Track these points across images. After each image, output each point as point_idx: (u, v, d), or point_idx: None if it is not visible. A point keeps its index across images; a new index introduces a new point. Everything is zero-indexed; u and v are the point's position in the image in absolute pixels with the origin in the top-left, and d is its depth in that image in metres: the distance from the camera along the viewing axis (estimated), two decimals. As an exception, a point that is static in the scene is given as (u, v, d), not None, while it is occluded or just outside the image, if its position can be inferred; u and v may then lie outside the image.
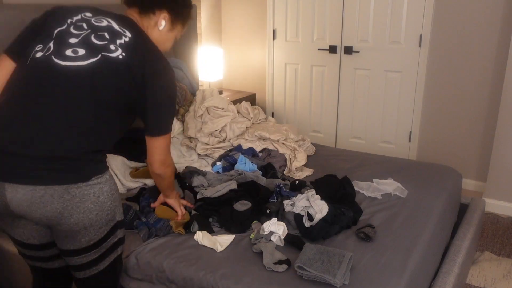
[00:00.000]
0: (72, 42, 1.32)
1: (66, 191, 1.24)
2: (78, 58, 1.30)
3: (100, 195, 1.30)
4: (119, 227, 1.42)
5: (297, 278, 1.55)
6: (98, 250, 1.37)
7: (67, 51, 1.30)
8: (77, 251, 1.34)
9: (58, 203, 1.24)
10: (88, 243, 1.33)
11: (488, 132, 3.28)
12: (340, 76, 3.80)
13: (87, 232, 1.31)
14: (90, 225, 1.30)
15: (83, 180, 1.26)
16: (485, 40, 3.14)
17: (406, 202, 2.13)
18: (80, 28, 1.36)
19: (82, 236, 1.31)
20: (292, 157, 2.60)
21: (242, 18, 4.19)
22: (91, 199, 1.28)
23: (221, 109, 2.83)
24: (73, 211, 1.26)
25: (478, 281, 2.34)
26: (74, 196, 1.25)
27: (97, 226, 1.32)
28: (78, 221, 1.27)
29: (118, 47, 1.34)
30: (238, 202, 2.00)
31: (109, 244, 1.40)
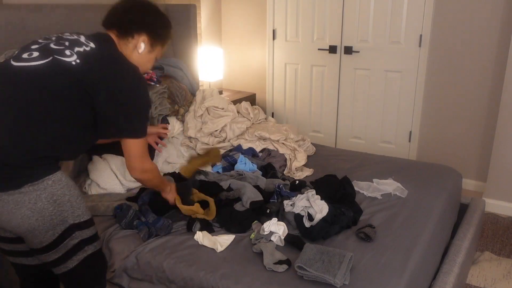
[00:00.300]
0: (32, 47, 1.37)
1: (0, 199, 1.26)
2: (31, 60, 1.33)
3: (38, 202, 1.29)
4: (78, 229, 1.42)
5: (297, 278, 1.55)
6: (56, 251, 1.38)
7: (23, 55, 1.35)
8: (35, 250, 1.38)
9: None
10: (41, 245, 1.36)
11: (488, 132, 3.28)
12: (340, 76, 3.80)
13: (34, 235, 1.33)
14: (34, 229, 1.31)
15: (14, 188, 1.26)
16: (485, 40, 3.14)
17: (406, 202, 2.13)
18: (47, 39, 1.40)
19: (31, 238, 1.34)
20: (292, 157, 2.60)
21: (242, 18, 4.19)
22: (27, 206, 1.28)
23: (221, 109, 2.83)
24: (10, 217, 1.28)
25: (478, 281, 2.34)
26: (7, 202, 1.27)
27: (42, 231, 1.33)
28: (19, 226, 1.29)
29: (74, 54, 1.35)
30: (239, 202, 2.00)
31: (68, 245, 1.40)
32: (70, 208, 1.38)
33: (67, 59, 1.33)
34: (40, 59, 1.33)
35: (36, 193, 1.29)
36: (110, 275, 1.80)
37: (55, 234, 1.36)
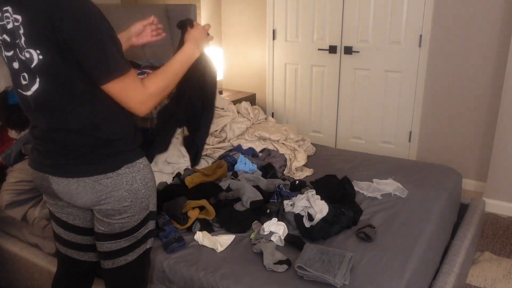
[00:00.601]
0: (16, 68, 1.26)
1: (97, 182, 1.29)
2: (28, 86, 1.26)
3: (134, 183, 1.33)
4: (151, 218, 1.45)
5: (297, 278, 1.55)
6: (129, 239, 1.40)
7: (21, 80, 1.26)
8: (109, 236, 1.38)
9: (92, 194, 1.30)
10: (121, 229, 1.37)
11: (488, 132, 3.28)
12: (340, 76, 3.80)
13: (122, 218, 1.35)
14: (125, 211, 1.34)
15: (112, 169, 1.30)
16: (485, 40, 3.14)
17: (406, 202, 2.13)
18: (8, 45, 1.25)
19: (116, 221, 1.35)
20: (292, 157, 2.60)
21: (242, 18, 4.19)
22: (125, 187, 1.31)
23: (221, 109, 2.83)
24: (108, 199, 1.31)
25: (478, 281, 2.34)
26: (105, 186, 1.29)
27: (131, 213, 1.36)
28: (113, 208, 1.33)
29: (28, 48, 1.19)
30: (239, 202, 2.00)
31: (140, 234, 1.42)
32: (153, 194, 1.42)
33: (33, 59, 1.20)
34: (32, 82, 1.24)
35: (132, 175, 1.33)
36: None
37: (138, 219, 1.38)
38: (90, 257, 1.54)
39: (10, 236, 2.24)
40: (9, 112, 2.23)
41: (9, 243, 2.20)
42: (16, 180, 2.11)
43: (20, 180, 2.10)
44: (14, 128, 2.26)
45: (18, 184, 2.10)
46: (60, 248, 1.53)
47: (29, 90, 1.25)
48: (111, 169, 1.30)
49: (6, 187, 2.12)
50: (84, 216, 1.46)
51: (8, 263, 2.22)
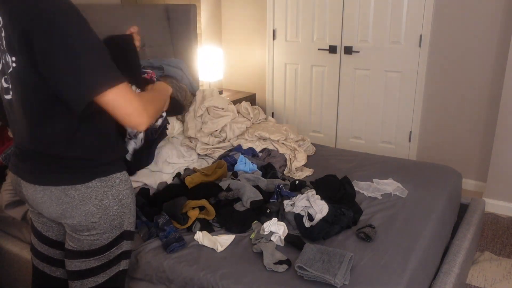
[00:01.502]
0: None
1: (64, 193, 1.21)
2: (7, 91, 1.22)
3: (104, 199, 1.25)
4: (126, 238, 1.36)
5: (297, 278, 1.55)
6: (99, 259, 1.31)
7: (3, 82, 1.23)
8: (78, 253, 1.30)
9: (57, 205, 1.23)
10: (90, 247, 1.29)
11: (488, 132, 3.28)
12: (340, 76, 3.80)
13: (90, 235, 1.27)
14: (94, 228, 1.26)
15: (82, 181, 1.22)
16: (485, 40, 3.14)
17: (406, 202, 2.13)
18: None
19: (85, 237, 1.27)
20: (292, 157, 2.60)
21: (242, 18, 4.19)
22: (93, 202, 1.24)
23: (221, 109, 2.82)
24: (73, 213, 1.23)
25: (478, 281, 2.34)
26: (73, 198, 1.22)
27: (100, 231, 1.27)
28: (80, 223, 1.25)
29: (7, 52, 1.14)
30: (239, 202, 2.00)
31: (112, 254, 1.33)
32: (129, 213, 1.32)
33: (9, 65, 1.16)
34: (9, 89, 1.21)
35: (103, 190, 1.24)
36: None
37: (109, 237, 1.29)
38: (62, 274, 1.46)
39: (10, 236, 2.24)
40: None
41: (9, 243, 2.20)
42: (16, 180, 2.11)
43: (20, 180, 2.10)
44: (14, 128, 2.26)
45: (18, 184, 2.10)
46: (34, 260, 1.47)
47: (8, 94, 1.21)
48: (81, 181, 1.21)
49: (6, 187, 2.12)
50: (58, 229, 1.39)
51: (8, 263, 2.22)
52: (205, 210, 1.95)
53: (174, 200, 1.94)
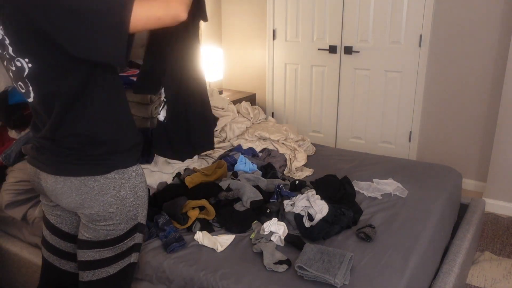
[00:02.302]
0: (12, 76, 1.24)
1: (83, 183, 1.25)
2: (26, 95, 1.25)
3: (122, 190, 1.29)
4: (139, 231, 1.39)
5: (298, 278, 1.55)
6: (113, 249, 1.34)
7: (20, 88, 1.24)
8: (93, 243, 1.33)
9: (77, 195, 1.26)
10: (106, 237, 1.32)
11: (488, 132, 3.28)
12: (340, 76, 3.80)
13: (107, 225, 1.31)
14: (110, 218, 1.29)
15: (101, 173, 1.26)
16: (485, 40, 3.14)
17: (406, 202, 2.13)
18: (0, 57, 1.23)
19: (101, 227, 1.31)
20: (292, 157, 2.60)
21: (242, 18, 4.19)
22: (111, 193, 1.27)
23: (221, 109, 2.83)
24: (92, 203, 1.27)
25: (478, 281, 2.34)
26: (92, 188, 1.25)
27: (117, 221, 1.30)
28: (98, 213, 1.28)
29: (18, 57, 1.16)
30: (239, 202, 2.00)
31: (125, 245, 1.36)
32: (143, 205, 1.36)
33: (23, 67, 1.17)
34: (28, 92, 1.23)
35: (121, 181, 1.28)
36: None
37: (124, 228, 1.33)
38: (71, 267, 1.48)
39: (10, 236, 2.24)
40: (9, 112, 2.23)
41: (9, 243, 2.20)
42: (16, 180, 2.11)
43: (20, 180, 2.10)
44: (14, 128, 2.26)
45: (18, 184, 2.10)
46: (44, 252, 1.49)
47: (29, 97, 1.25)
48: (100, 172, 1.26)
49: (6, 187, 2.12)
50: (71, 221, 1.42)
51: (8, 263, 2.22)
52: (205, 210, 1.95)
53: (174, 200, 1.94)
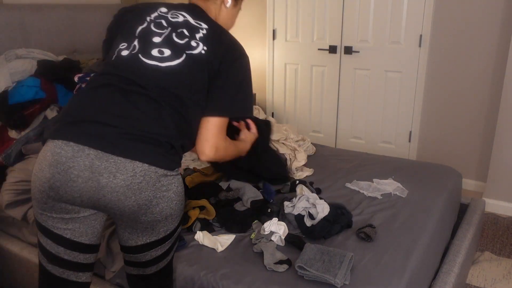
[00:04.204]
0: (156, 41, 1.38)
1: (158, 180, 1.25)
2: (165, 59, 1.36)
3: (179, 186, 1.33)
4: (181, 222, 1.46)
5: (298, 278, 1.55)
6: (170, 241, 1.38)
7: (153, 51, 1.36)
8: (154, 243, 1.33)
9: (151, 191, 1.24)
10: (165, 233, 1.33)
11: (488, 132, 3.29)
12: (340, 76, 3.80)
13: (167, 222, 1.31)
14: (171, 214, 1.31)
15: (169, 169, 1.29)
16: (485, 40, 3.15)
17: (406, 202, 2.13)
18: (160, 26, 1.41)
19: (161, 226, 1.30)
20: (292, 157, 2.60)
21: (242, 18, 4.19)
22: (173, 189, 1.30)
23: (221, 109, 2.82)
24: (159, 200, 1.26)
25: (478, 281, 2.34)
26: (163, 184, 1.27)
27: (175, 216, 1.33)
28: (162, 210, 1.28)
29: (199, 42, 1.40)
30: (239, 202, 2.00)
31: (177, 234, 1.42)
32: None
33: (197, 51, 1.39)
34: (174, 59, 1.36)
35: (178, 177, 1.33)
36: (110, 275, 1.80)
37: (178, 221, 1.37)
38: (87, 278, 1.39)
39: (10, 236, 2.24)
40: (9, 112, 2.23)
41: (9, 243, 2.20)
42: (16, 180, 2.11)
43: (20, 180, 2.10)
44: (14, 128, 2.26)
45: (18, 184, 2.10)
46: (55, 270, 1.32)
47: (160, 61, 1.35)
48: (171, 168, 1.30)
49: (6, 187, 2.12)
50: (92, 231, 1.32)
51: (8, 263, 2.22)
52: (205, 210, 1.95)
53: None
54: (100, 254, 1.80)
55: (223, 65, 1.40)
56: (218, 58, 1.40)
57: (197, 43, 1.40)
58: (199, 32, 1.42)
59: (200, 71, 1.38)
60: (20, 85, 2.30)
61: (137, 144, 1.23)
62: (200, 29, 1.43)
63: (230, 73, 1.41)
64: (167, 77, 1.34)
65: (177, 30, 1.41)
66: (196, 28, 1.43)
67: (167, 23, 1.42)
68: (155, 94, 1.31)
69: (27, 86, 2.30)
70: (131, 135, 1.23)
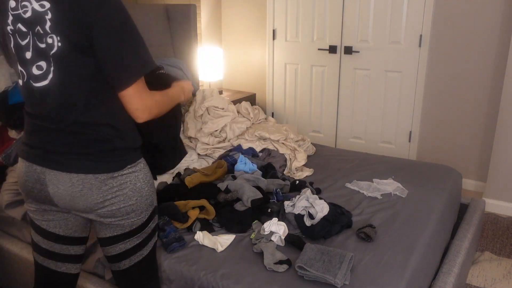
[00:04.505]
0: (28, 57, 1.24)
1: (103, 183, 1.29)
2: (45, 76, 1.24)
3: (137, 182, 1.34)
4: (156, 213, 1.47)
5: (298, 278, 1.55)
6: (140, 236, 1.40)
7: (33, 70, 1.25)
8: (121, 236, 1.38)
9: (97, 194, 1.29)
10: (131, 227, 1.37)
11: (488, 132, 3.29)
12: (340, 76, 3.80)
13: (130, 217, 1.35)
14: (132, 211, 1.35)
15: (117, 170, 1.30)
16: (485, 40, 3.15)
17: (406, 202, 2.13)
18: (22, 34, 1.23)
19: (125, 220, 1.35)
20: (292, 157, 2.61)
21: (242, 18, 4.19)
22: (129, 187, 1.33)
23: (221, 109, 2.83)
24: (113, 200, 1.31)
25: (478, 281, 2.34)
26: (111, 186, 1.30)
27: (138, 211, 1.36)
28: (119, 208, 1.32)
29: (52, 34, 1.19)
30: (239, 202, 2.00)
31: (149, 229, 1.43)
32: (154, 190, 1.44)
33: (55, 48, 1.20)
34: (49, 72, 1.24)
35: (135, 174, 1.34)
36: (110, 275, 1.81)
37: (145, 215, 1.39)
38: (67, 269, 1.48)
39: (10, 236, 2.24)
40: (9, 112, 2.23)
41: (9, 243, 2.20)
42: (16, 180, 2.11)
43: (20, 180, 2.10)
44: (14, 128, 2.26)
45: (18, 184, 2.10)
46: (37, 258, 1.47)
47: (45, 79, 1.24)
48: (116, 169, 1.30)
49: (6, 187, 2.12)
50: (65, 223, 1.42)
51: (8, 263, 2.22)
52: (205, 210, 1.95)
53: (165, 204, 1.94)
54: (100, 254, 1.80)
55: (94, 31, 1.17)
56: (83, 32, 1.17)
57: (52, 38, 1.19)
58: (45, 21, 1.19)
59: (72, 59, 1.21)
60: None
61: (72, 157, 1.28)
62: (45, 15, 1.19)
63: (104, 39, 1.18)
64: (51, 90, 1.24)
65: (35, 30, 1.21)
66: (42, 15, 1.19)
67: (25, 25, 1.22)
68: (60, 123, 1.27)
69: (27, 86, 2.29)
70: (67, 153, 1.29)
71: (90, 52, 1.20)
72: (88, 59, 1.21)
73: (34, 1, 1.19)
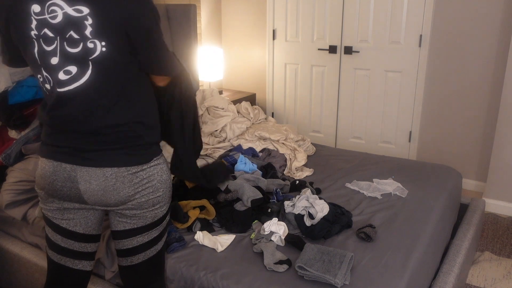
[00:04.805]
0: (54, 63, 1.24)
1: (134, 175, 1.33)
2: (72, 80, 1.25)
3: (163, 174, 1.39)
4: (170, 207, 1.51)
5: (298, 278, 1.55)
6: (158, 228, 1.43)
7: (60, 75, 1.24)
8: (140, 229, 1.40)
9: (129, 187, 1.33)
10: (153, 220, 1.40)
11: (488, 132, 3.29)
12: (340, 76, 3.80)
13: (155, 209, 1.39)
14: (158, 202, 1.39)
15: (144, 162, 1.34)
16: (485, 40, 3.15)
17: (406, 202, 2.13)
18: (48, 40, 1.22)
19: (150, 212, 1.39)
20: (292, 157, 2.61)
21: (242, 18, 4.19)
22: (157, 178, 1.37)
23: (221, 109, 2.83)
24: (143, 192, 1.35)
25: (478, 281, 2.34)
26: (141, 178, 1.34)
27: (163, 203, 1.41)
28: (148, 200, 1.37)
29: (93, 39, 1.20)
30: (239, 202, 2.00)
31: (165, 222, 1.46)
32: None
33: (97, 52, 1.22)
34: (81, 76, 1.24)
35: (160, 166, 1.39)
36: (110, 275, 1.81)
37: (166, 207, 1.44)
38: (84, 266, 1.50)
39: (10, 236, 2.24)
40: (9, 112, 2.23)
41: (9, 243, 2.20)
42: (16, 180, 2.11)
43: (20, 180, 2.10)
44: (14, 128, 2.26)
45: (18, 184, 2.10)
46: (54, 256, 1.48)
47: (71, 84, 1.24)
48: (145, 161, 1.34)
49: (6, 187, 2.12)
50: (85, 222, 1.43)
51: (8, 263, 2.22)
52: (205, 210, 1.95)
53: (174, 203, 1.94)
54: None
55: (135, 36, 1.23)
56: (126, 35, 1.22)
57: (93, 43, 1.20)
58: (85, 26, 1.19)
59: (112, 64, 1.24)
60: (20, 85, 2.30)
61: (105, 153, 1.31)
62: (84, 20, 1.19)
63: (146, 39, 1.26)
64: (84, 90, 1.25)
65: (65, 36, 1.20)
66: (79, 20, 1.18)
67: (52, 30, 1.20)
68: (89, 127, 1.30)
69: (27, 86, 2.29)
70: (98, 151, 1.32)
71: (133, 54, 1.26)
72: (130, 63, 1.27)
73: (67, 6, 1.18)
